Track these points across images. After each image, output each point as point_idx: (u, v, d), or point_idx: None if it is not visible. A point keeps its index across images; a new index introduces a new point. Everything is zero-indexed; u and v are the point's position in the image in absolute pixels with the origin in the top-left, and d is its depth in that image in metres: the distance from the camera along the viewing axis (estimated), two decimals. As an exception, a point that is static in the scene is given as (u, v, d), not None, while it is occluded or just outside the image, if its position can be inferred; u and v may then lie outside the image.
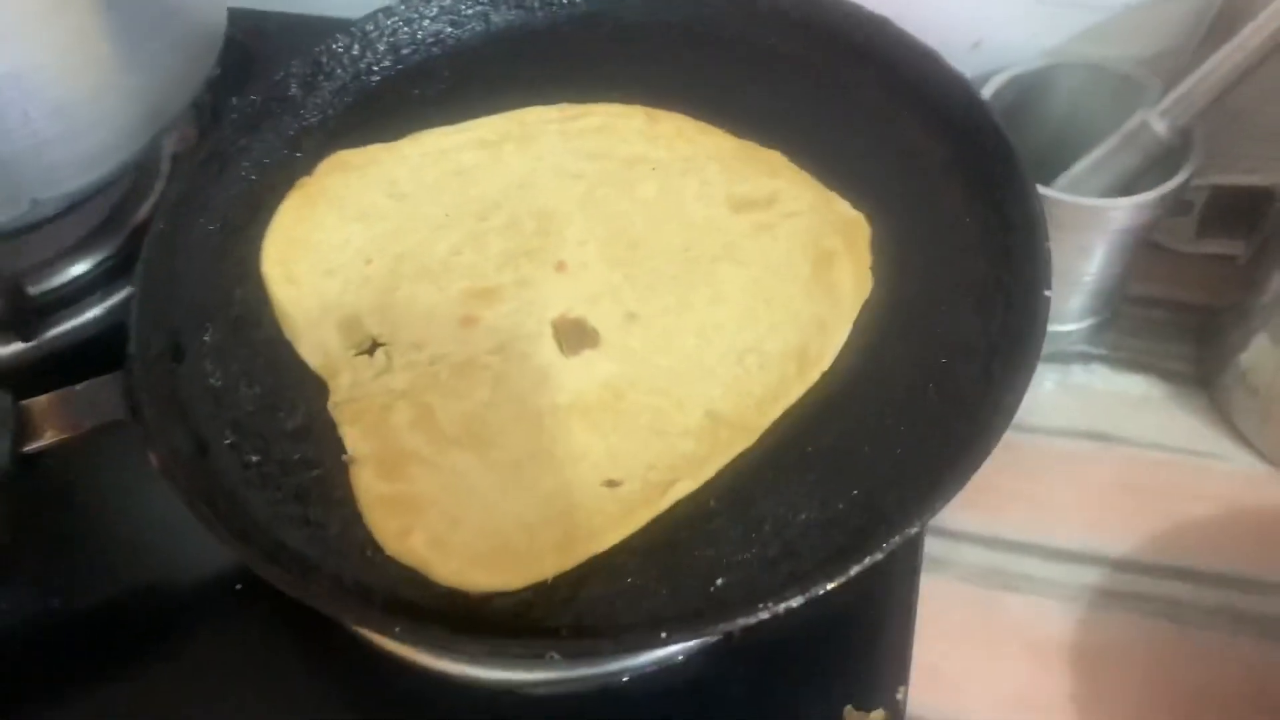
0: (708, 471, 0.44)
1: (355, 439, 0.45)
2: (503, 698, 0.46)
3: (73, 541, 0.53)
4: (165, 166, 0.66)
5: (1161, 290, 0.69)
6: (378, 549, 0.43)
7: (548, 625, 0.40)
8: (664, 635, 0.38)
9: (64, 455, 0.47)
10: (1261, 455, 0.60)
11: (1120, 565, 0.57)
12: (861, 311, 0.48)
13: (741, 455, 0.44)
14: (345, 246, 0.52)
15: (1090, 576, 0.56)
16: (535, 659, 0.39)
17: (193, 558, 0.52)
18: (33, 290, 0.59)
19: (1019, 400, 0.42)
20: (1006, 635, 0.55)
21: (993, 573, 0.58)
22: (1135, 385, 0.65)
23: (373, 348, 0.49)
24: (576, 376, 0.47)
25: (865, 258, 0.50)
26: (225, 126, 0.55)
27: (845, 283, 0.49)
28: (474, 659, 0.46)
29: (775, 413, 0.45)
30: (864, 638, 0.47)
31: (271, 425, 0.47)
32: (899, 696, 0.45)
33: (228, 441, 0.46)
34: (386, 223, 0.53)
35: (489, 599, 0.41)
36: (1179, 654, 0.53)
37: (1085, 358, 0.66)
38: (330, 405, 0.47)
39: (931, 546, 0.57)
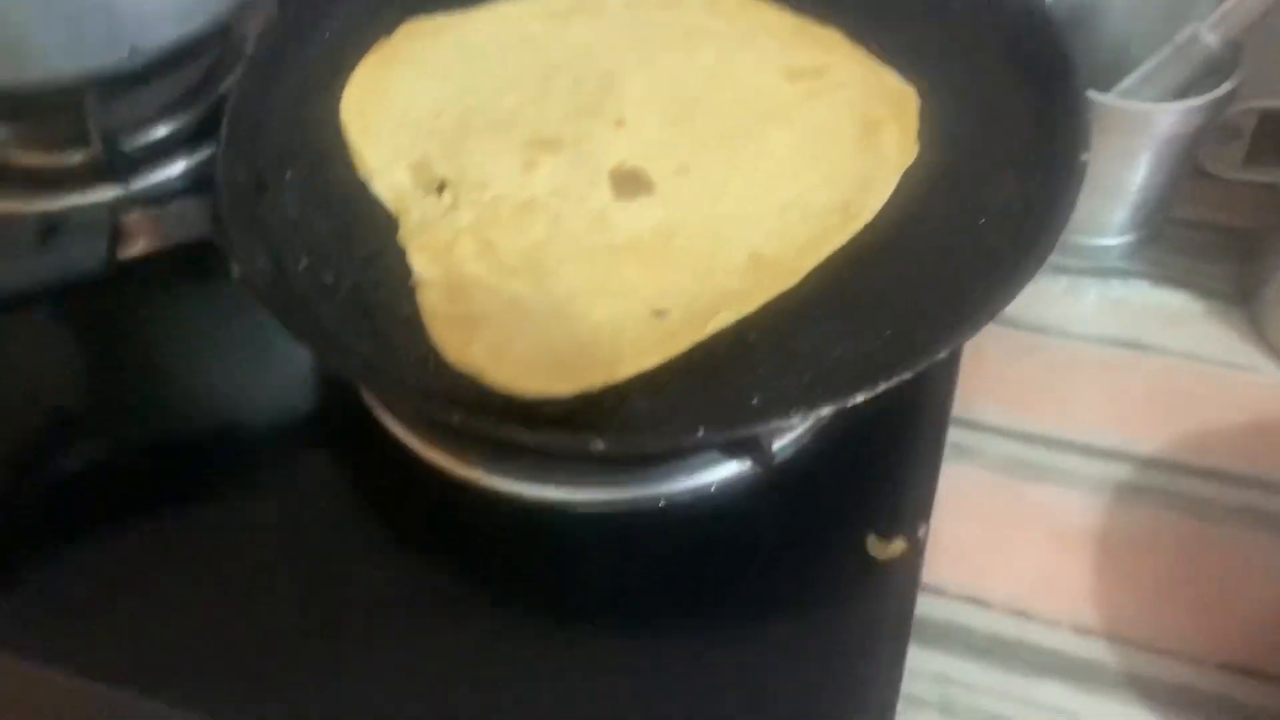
0: (749, 306, 0.46)
1: (423, 265, 0.49)
2: (549, 515, 0.49)
3: (150, 373, 0.57)
4: (250, 47, 0.69)
5: (1207, 214, 0.70)
6: (439, 363, 0.46)
7: (594, 428, 0.43)
8: (700, 434, 0.40)
9: (148, 282, 0.51)
10: (1293, 370, 0.61)
11: (1148, 463, 0.58)
12: (905, 176, 0.51)
13: (782, 295, 0.47)
14: (418, 101, 0.55)
15: (1117, 472, 0.58)
16: (580, 449, 0.42)
17: (263, 389, 0.56)
18: (125, 147, 0.63)
19: (1049, 248, 0.44)
20: (1031, 522, 0.57)
21: (1021, 464, 0.59)
22: (1174, 299, 0.66)
23: (440, 188, 0.52)
24: (630, 219, 0.50)
25: (912, 126, 0.52)
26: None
27: (890, 146, 0.51)
28: (522, 464, 0.48)
29: (815, 259, 0.48)
30: (890, 476, 0.49)
31: (344, 251, 0.50)
32: (920, 533, 0.47)
33: (303, 265, 0.49)
34: (457, 81, 0.56)
35: (540, 406, 0.44)
36: (1201, 548, 0.55)
37: (1125, 273, 0.68)
38: (400, 236, 0.50)
39: (961, 437, 0.58)
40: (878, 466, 0.49)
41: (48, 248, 0.46)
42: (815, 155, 0.52)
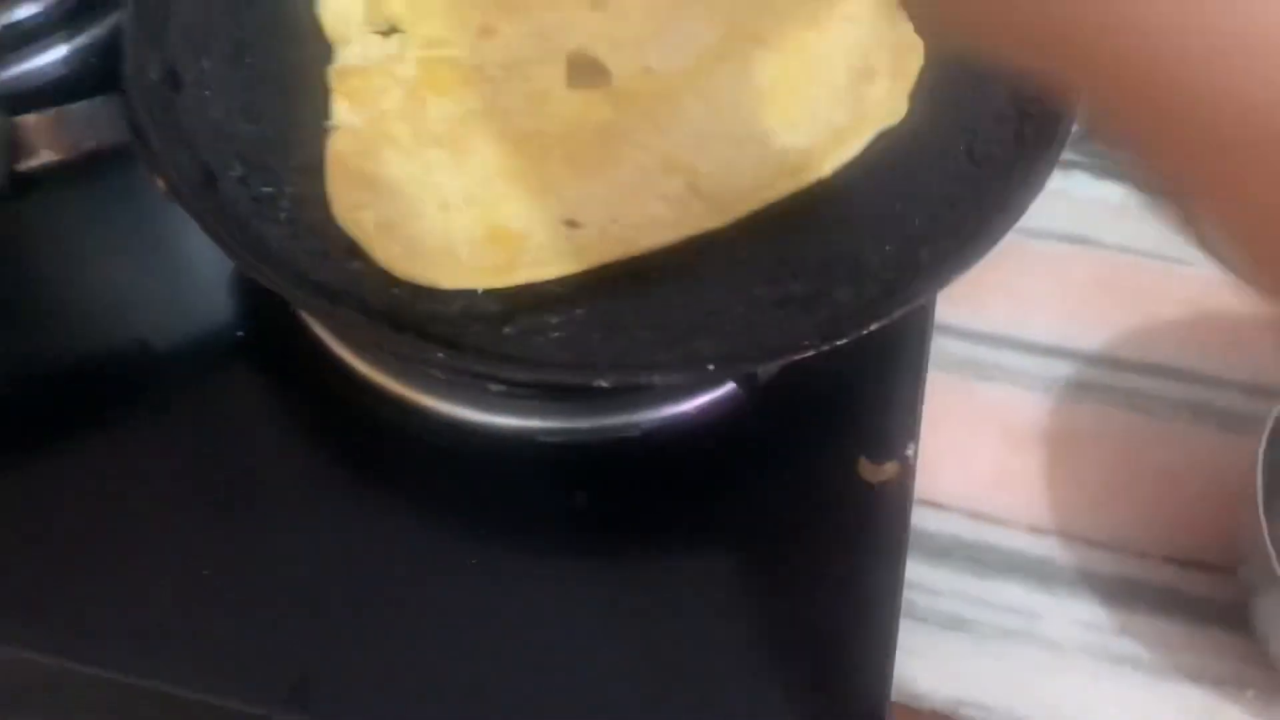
0: (668, 237, 0.44)
1: (344, 109, 0.46)
2: (511, 443, 0.46)
3: (61, 289, 0.50)
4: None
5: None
6: (402, 284, 0.42)
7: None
8: (711, 368, 0.37)
9: (52, 195, 0.44)
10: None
11: (1092, 359, 0.59)
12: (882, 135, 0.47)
13: (714, 233, 0.44)
14: None
15: (1064, 369, 0.58)
16: (584, 383, 0.38)
17: (189, 306, 0.50)
18: (-14, 26, 0.54)
19: (1055, 159, 0.42)
20: (983, 421, 0.57)
21: (971, 363, 0.59)
22: (1113, 193, 0.66)
23: (390, 31, 0.48)
24: (574, 111, 0.46)
25: (907, 84, 0.48)
26: None
27: (877, 101, 0.48)
28: (483, 393, 0.45)
29: (754, 204, 0.45)
30: (875, 396, 0.47)
31: (280, 159, 0.45)
32: (908, 453, 0.46)
33: (234, 174, 0.44)
34: None
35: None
36: (1143, 441, 0.56)
37: (1066, 164, 0.67)
38: (331, 70, 0.47)
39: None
40: (861, 387, 0.47)
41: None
42: (794, 92, 0.48)
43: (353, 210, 0.43)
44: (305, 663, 0.41)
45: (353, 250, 0.43)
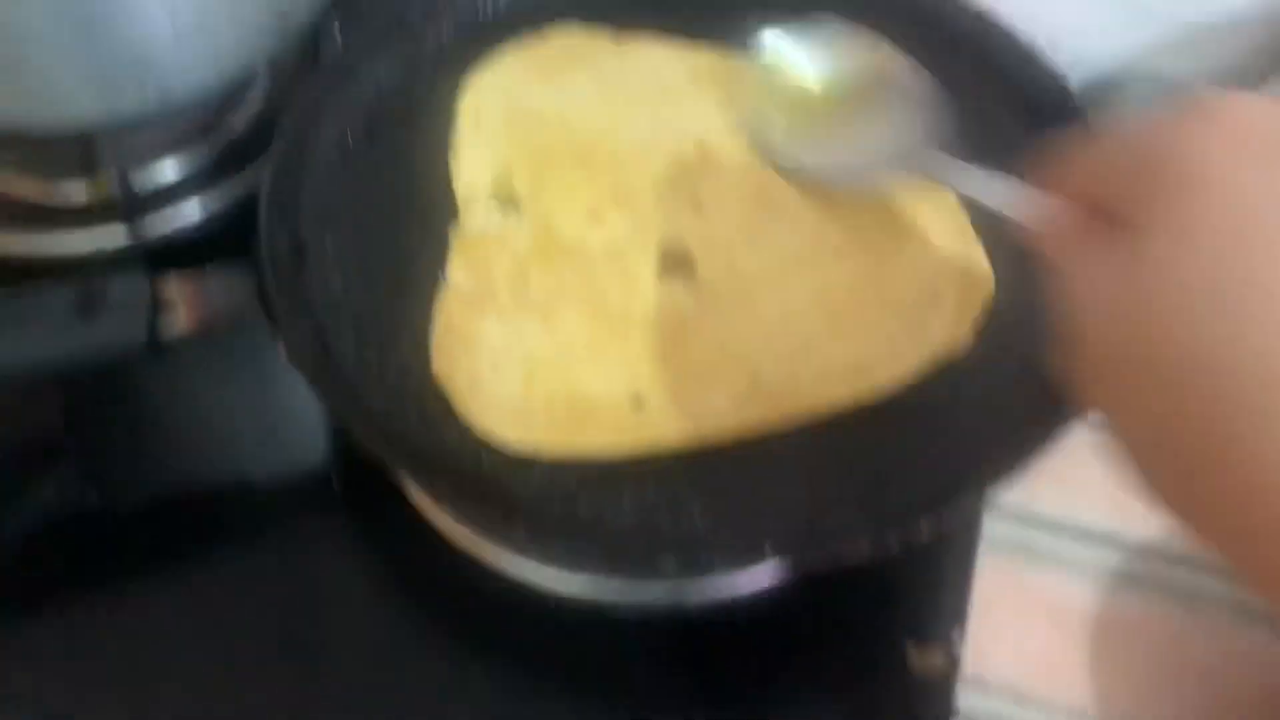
0: (724, 428, 0.47)
1: (459, 269, 0.51)
2: (586, 613, 0.49)
3: (177, 432, 0.55)
4: (261, 81, 0.67)
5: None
6: (495, 458, 0.45)
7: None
8: (767, 550, 0.40)
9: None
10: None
11: (1143, 551, 0.60)
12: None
13: (773, 433, 0.47)
14: (544, 104, 0.56)
15: (1114, 558, 0.60)
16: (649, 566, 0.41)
17: (293, 455, 0.55)
18: (135, 184, 0.60)
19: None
20: (1031, 605, 0.58)
21: (1021, 547, 0.61)
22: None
23: (512, 204, 0.53)
24: (659, 298, 0.50)
25: (970, 313, 0.51)
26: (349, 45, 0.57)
27: (939, 328, 0.51)
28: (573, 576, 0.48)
29: (811, 407, 0.48)
30: (924, 581, 0.50)
31: (389, 332, 0.49)
32: (955, 640, 0.47)
33: (347, 343, 0.48)
34: (582, 100, 0.57)
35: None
36: (1192, 638, 0.57)
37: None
38: (453, 230, 0.52)
39: (964, 519, 0.59)
40: (910, 574, 0.49)
41: (86, 321, 0.44)
42: (863, 306, 0.51)
43: (449, 367, 0.48)
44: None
45: (447, 415, 0.46)
